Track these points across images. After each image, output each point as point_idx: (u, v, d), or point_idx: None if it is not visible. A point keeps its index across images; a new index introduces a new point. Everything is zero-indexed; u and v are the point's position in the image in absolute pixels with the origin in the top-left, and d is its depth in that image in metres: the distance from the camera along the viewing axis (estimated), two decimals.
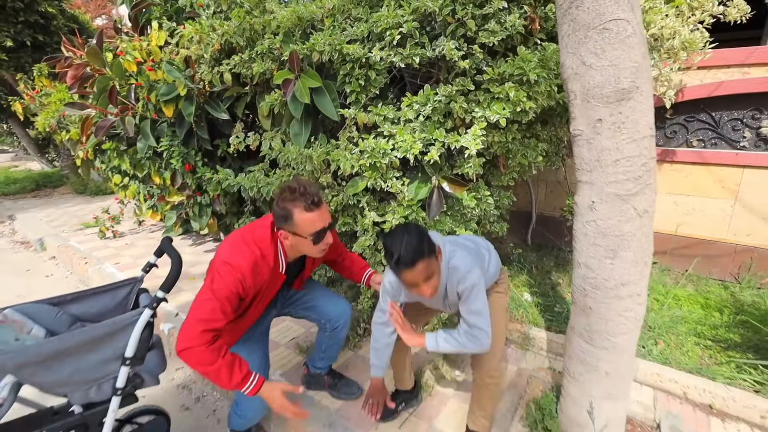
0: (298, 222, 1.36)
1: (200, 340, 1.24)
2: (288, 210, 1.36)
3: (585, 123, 1.19)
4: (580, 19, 1.14)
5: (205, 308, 1.28)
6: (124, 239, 4.57)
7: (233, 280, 1.31)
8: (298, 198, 1.34)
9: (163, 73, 2.80)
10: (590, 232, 1.28)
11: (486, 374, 1.54)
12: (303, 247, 1.44)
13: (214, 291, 1.30)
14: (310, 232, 1.38)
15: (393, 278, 1.49)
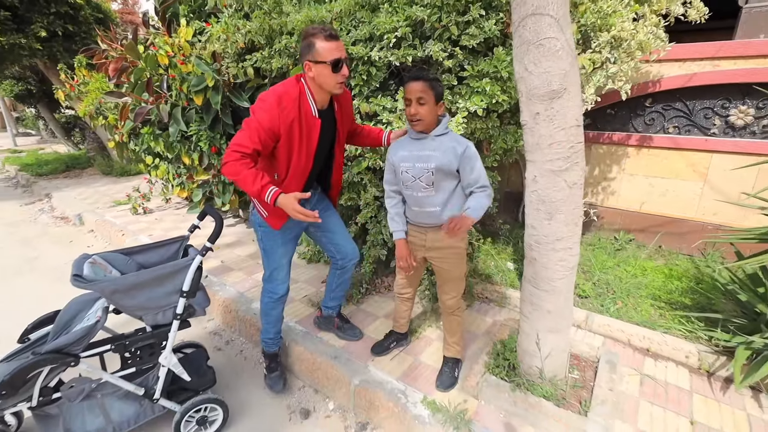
0: (319, 49, 1.60)
1: (232, 157, 1.59)
2: (310, 40, 1.62)
3: (528, 115, 1.56)
4: (524, 36, 1.49)
5: (238, 136, 1.63)
6: (153, 215, 5.06)
7: (260, 111, 1.60)
8: (319, 31, 1.61)
9: (193, 66, 3.20)
10: (534, 200, 1.66)
11: (450, 308, 1.96)
12: (324, 78, 1.65)
13: (247, 123, 1.63)
14: (330, 59, 1.61)
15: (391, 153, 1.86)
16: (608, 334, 2.40)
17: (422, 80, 1.65)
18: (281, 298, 2.10)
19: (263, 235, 1.98)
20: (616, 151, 3.79)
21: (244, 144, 1.61)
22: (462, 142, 1.70)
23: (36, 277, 3.73)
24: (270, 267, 2.04)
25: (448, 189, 1.76)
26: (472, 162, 1.69)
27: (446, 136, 1.75)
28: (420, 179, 1.77)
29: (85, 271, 1.63)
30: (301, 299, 2.87)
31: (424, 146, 1.75)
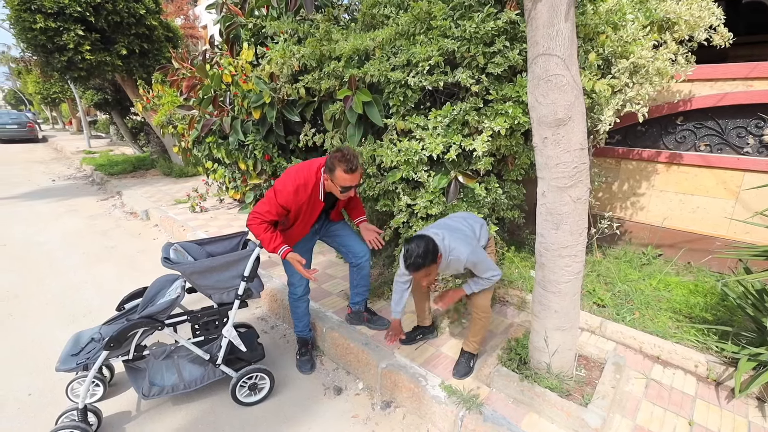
0: (337, 176, 2.09)
1: (255, 221, 2.16)
2: (334, 166, 2.08)
3: (538, 139, 1.82)
4: (535, 72, 1.76)
5: (262, 207, 2.15)
6: (209, 213, 5.64)
7: (280, 194, 2.13)
8: (344, 162, 2.06)
9: (252, 84, 3.67)
10: (543, 212, 1.90)
11: (479, 310, 2.22)
12: (333, 189, 2.18)
13: (269, 198, 2.16)
14: (342, 186, 2.12)
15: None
16: (620, 340, 2.55)
17: (421, 268, 1.94)
18: (301, 297, 2.53)
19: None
20: (645, 167, 3.87)
21: (264, 214, 2.15)
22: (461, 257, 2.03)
23: (114, 263, 4.34)
24: (288, 272, 2.49)
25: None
26: (475, 266, 2.07)
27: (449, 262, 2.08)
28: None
29: (171, 255, 2.05)
30: (338, 293, 3.22)
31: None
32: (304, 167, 2.21)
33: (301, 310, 2.54)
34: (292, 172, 2.19)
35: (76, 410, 1.94)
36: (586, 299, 3.05)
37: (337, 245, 2.62)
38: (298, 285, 2.48)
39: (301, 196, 2.16)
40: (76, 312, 3.29)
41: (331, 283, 3.41)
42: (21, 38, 6.53)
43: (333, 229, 2.57)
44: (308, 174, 2.18)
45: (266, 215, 2.15)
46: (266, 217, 2.15)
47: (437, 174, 2.87)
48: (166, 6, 15.14)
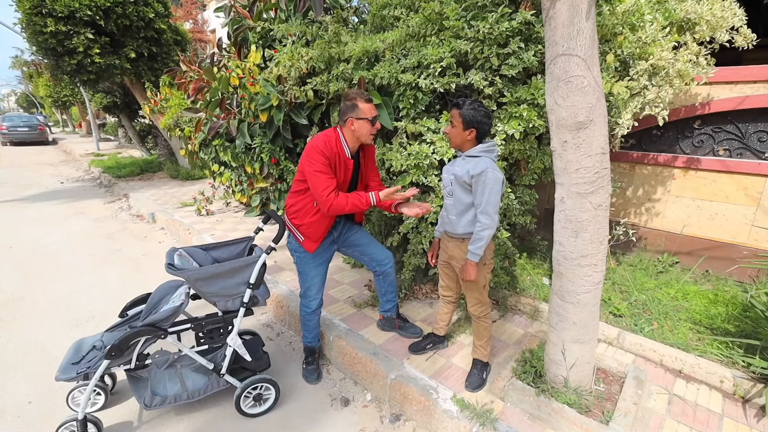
0: (362, 108, 2.03)
1: (330, 198, 2.02)
2: (354, 102, 2.04)
3: (557, 143, 1.74)
4: (555, 73, 1.68)
5: (317, 184, 2.02)
6: (215, 217, 5.61)
7: (316, 153, 2.01)
8: (359, 95, 2.06)
9: (260, 87, 3.63)
10: (562, 219, 1.81)
11: (472, 308, 2.13)
12: (363, 129, 2.07)
13: (311, 173, 2.02)
14: (370, 115, 2.05)
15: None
16: (640, 353, 2.45)
17: (457, 108, 1.93)
18: (315, 311, 2.42)
19: (299, 260, 2.34)
20: (661, 172, 3.76)
21: (328, 185, 2.03)
22: (480, 165, 1.90)
23: (120, 266, 4.31)
24: (305, 285, 2.37)
25: (463, 202, 2.00)
26: (482, 186, 1.90)
27: (476, 158, 1.96)
28: (446, 188, 2.09)
29: (175, 261, 1.99)
30: (345, 300, 3.15)
31: (457, 162, 2.05)
32: (318, 135, 2.14)
33: (313, 322, 2.46)
34: (312, 142, 2.09)
35: (76, 421, 1.88)
36: (602, 309, 2.95)
37: (358, 254, 2.52)
38: (314, 298, 2.38)
39: (333, 147, 2.06)
40: (80, 316, 3.25)
41: (339, 289, 3.34)
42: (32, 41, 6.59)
43: (353, 238, 2.46)
44: (326, 135, 2.09)
45: (329, 185, 2.02)
46: (331, 185, 2.03)
47: None
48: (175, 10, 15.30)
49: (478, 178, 1.89)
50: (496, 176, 1.90)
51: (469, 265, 1.97)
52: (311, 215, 2.19)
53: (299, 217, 2.21)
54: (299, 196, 2.19)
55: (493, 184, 1.89)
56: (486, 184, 1.88)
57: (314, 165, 2.02)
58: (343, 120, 2.10)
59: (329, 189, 2.03)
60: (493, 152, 1.99)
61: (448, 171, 2.07)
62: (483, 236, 1.92)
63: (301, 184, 2.16)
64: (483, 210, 1.91)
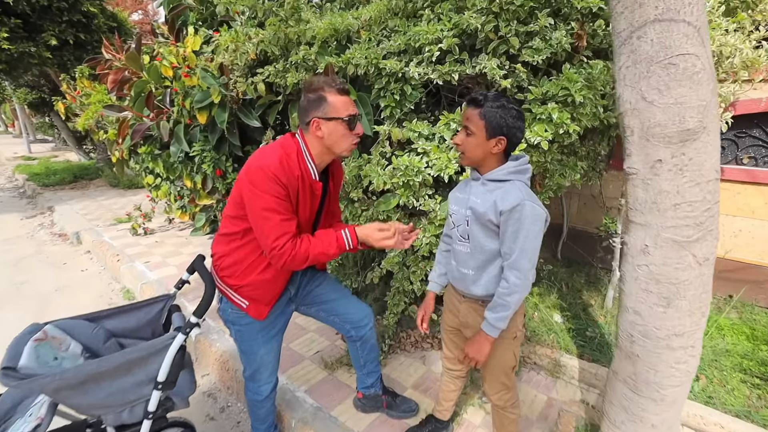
0: (333, 103, 1.32)
1: (286, 248, 1.30)
2: (320, 93, 1.32)
3: (642, 162, 1.11)
4: (641, 51, 1.05)
5: (269, 227, 1.29)
6: (155, 236, 4.68)
7: (265, 179, 1.26)
8: (329, 83, 1.33)
9: (198, 79, 2.83)
10: (642, 277, 1.19)
11: (495, 396, 1.49)
12: (338, 137, 1.35)
13: (263, 205, 1.28)
14: (346, 113, 1.33)
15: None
16: (702, 428, 1.88)
17: (474, 105, 1.26)
18: (268, 397, 1.68)
19: (240, 334, 1.56)
20: None
21: (284, 230, 1.32)
22: (513, 195, 1.24)
23: (21, 306, 3.35)
24: (252, 366, 1.61)
25: (486, 251, 1.33)
26: (515, 226, 1.23)
27: (503, 184, 1.30)
28: (458, 227, 1.40)
29: (24, 356, 1.20)
30: (312, 357, 2.42)
31: (474, 188, 1.37)
32: (269, 146, 1.40)
33: (265, 410, 1.71)
34: (258, 158, 1.34)
35: None
36: None
37: (324, 315, 1.78)
38: (267, 381, 1.64)
39: (291, 169, 1.32)
40: None
41: (302, 340, 2.60)
42: None
43: (317, 292, 1.74)
44: (281, 146, 1.36)
45: (284, 226, 1.31)
46: (287, 228, 1.32)
47: (445, 199, 2.13)
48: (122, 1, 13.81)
49: (510, 215, 1.23)
50: (537, 213, 1.23)
51: (483, 340, 1.32)
52: (259, 271, 1.45)
53: (239, 275, 1.46)
54: (237, 241, 1.44)
55: (532, 224, 1.22)
56: (522, 225, 1.22)
57: (262, 199, 1.28)
58: (305, 122, 1.36)
59: (286, 236, 1.31)
60: (527, 173, 1.35)
61: (461, 202, 1.39)
62: (509, 303, 1.26)
63: (239, 223, 1.40)
64: (514, 263, 1.25)
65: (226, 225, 1.45)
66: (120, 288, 3.71)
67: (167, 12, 3.74)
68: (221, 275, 1.51)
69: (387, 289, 2.60)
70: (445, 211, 2.10)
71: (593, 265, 3.74)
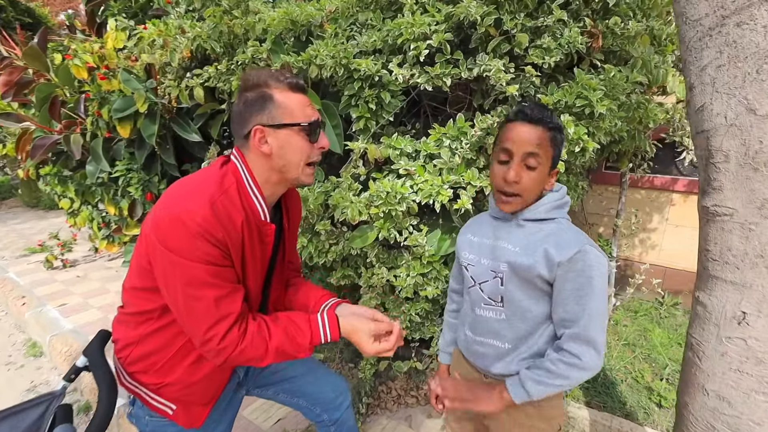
0: (283, 103, 0.90)
1: (233, 339, 0.86)
2: (264, 92, 0.90)
3: (743, 201, 0.79)
4: (745, 44, 0.74)
5: (201, 310, 0.84)
6: (77, 269, 3.93)
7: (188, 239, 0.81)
8: (276, 78, 0.91)
9: (119, 83, 2.28)
10: (733, 353, 0.87)
11: None
12: (291, 151, 0.92)
13: (186, 278, 0.82)
14: (304, 117, 0.92)
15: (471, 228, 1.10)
16: None
17: (542, 125, 0.88)
18: None
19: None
20: (657, 197, 3.17)
21: (225, 313, 0.86)
22: (569, 240, 0.89)
23: None
24: None
25: (530, 317, 0.95)
26: (578, 281, 0.87)
27: (546, 224, 0.95)
28: (482, 286, 1.00)
29: None
30: (272, 428, 1.93)
31: (503, 233, 0.98)
32: (192, 178, 0.93)
33: None
34: (175, 194, 0.87)
35: None
36: (638, 395, 2.14)
37: (286, 397, 1.32)
38: None
39: (227, 216, 0.86)
40: None
41: (258, 406, 2.10)
42: None
43: (274, 368, 1.28)
44: (213, 176, 0.90)
45: (226, 306, 0.86)
46: (229, 308, 0.86)
47: (433, 229, 1.76)
48: None
49: (569, 266, 0.87)
50: (601, 261, 0.88)
51: (497, 395, 0.94)
52: (190, 363, 0.98)
53: (159, 370, 0.98)
54: (151, 322, 0.95)
55: (600, 276, 0.87)
56: (588, 279, 0.86)
57: (186, 270, 0.82)
58: (243, 134, 0.92)
59: (228, 321, 0.86)
60: (566, 207, 1.00)
61: (485, 251, 1.01)
62: (567, 375, 0.87)
63: (153, 298, 0.92)
64: (582, 334, 0.86)
65: (131, 301, 0.97)
66: (24, 341, 2.98)
67: (85, 3, 3.14)
68: (130, 370, 1.01)
69: None
70: (433, 245, 1.72)
71: None
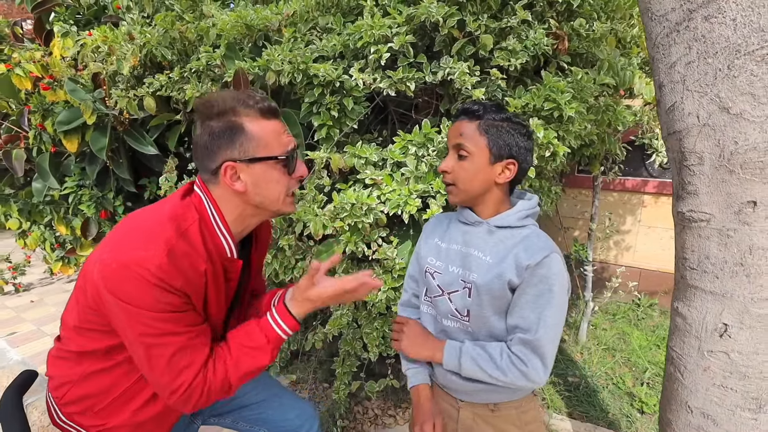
0: (255, 133, 0.79)
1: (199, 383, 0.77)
2: (233, 121, 0.78)
3: (720, 205, 0.74)
4: (714, 38, 0.69)
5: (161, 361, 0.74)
6: (31, 293, 3.66)
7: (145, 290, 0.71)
8: (244, 102, 0.79)
9: (64, 93, 2.11)
10: (716, 368, 0.82)
11: None
12: (269, 186, 0.82)
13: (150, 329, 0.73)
14: (281, 149, 0.82)
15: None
16: None
17: (470, 117, 0.88)
18: None
19: None
20: (629, 199, 3.19)
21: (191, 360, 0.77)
22: (539, 247, 0.84)
23: None
24: None
25: (498, 333, 0.90)
26: (539, 288, 0.82)
27: (518, 231, 0.89)
28: (450, 296, 0.94)
29: None
30: None
31: (474, 239, 0.93)
32: (145, 213, 0.83)
33: None
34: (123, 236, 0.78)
35: None
36: (619, 401, 2.10)
37: (245, 426, 1.21)
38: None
39: (193, 261, 0.77)
40: None
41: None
42: None
43: (237, 402, 1.17)
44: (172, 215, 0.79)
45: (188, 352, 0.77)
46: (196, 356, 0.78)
47: (404, 240, 1.68)
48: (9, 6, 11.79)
49: (534, 271, 0.82)
50: (564, 275, 0.84)
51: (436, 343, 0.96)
52: (140, 405, 0.87)
53: (101, 411, 0.86)
54: (95, 362, 0.84)
55: (561, 288, 0.83)
56: (548, 287, 0.82)
57: (143, 321, 0.73)
58: (210, 169, 0.81)
59: (195, 367, 0.77)
60: (536, 215, 0.94)
61: (452, 257, 0.95)
62: (508, 377, 0.84)
63: (98, 338, 0.81)
64: (532, 341, 0.82)
65: (73, 339, 0.84)
66: None
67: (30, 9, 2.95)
68: (67, 411, 0.89)
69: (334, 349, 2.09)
70: (404, 257, 1.64)
71: None
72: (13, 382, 0.95)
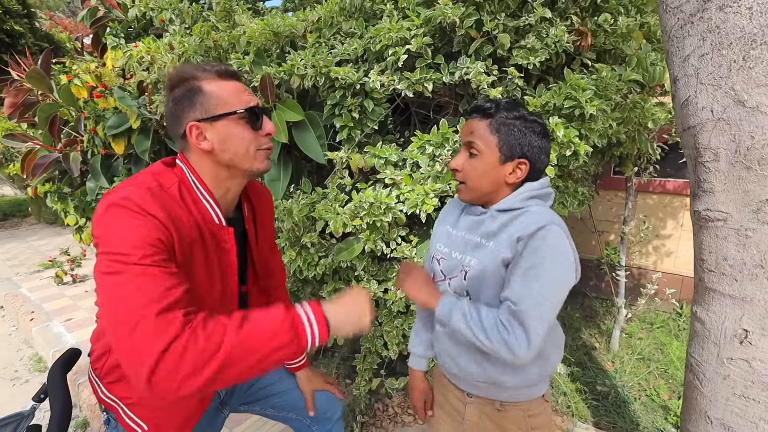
0: (214, 93, 0.83)
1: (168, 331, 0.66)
2: (191, 85, 0.83)
3: (737, 204, 0.71)
4: (729, 29, 0.66)
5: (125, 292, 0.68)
6: (85, 284, 3.99)
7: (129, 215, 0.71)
8: (202, 69, 0.84)
9: (114, 100, 2.31)
10: (736, 376, 0.77)
11: None
12: (235, 142, 0.84)
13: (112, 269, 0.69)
14: (241, 104, 0.84)
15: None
16: None
17: (481, 115, 0.88)
18: None
19: None
20: (671, 202, 3.02)
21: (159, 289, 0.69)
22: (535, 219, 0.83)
23: None
24: None
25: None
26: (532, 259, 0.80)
27: (521, 212, 0.87)
28: (450, 281, 0.95)
29: None
30: None
31: (479, 226, 0.93)
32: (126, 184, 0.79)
33: None
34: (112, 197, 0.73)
35: None
36: (652, 414, 1.99)
37: (273, 412, 1.27)
38: None
39: (172, 206, 0.78)
40: None
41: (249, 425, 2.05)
42: None
43: (259, 384, 1.22)
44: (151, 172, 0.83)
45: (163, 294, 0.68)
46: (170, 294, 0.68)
47: (423, 240, 1.69)
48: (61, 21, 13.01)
49: (528, 242, 0.80)
50: (565, 248, 0.81)
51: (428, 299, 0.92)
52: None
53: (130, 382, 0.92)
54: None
55: (555, 262, 0.80)
56: (542, 258, 0.79)
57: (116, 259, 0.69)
58: (179, 134, 0.84)
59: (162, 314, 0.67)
60: (549, 199, 0.93)
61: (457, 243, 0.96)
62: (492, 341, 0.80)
63: None
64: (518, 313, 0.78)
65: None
66: (31, 355, 3.01)
67: (89, 25, 3.23)
68: (106, 381, 0.97)
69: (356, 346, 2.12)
70: (423, 256, 1.65)
71: (587, 294, 3.39)
72: (59, 359, 1.05)
